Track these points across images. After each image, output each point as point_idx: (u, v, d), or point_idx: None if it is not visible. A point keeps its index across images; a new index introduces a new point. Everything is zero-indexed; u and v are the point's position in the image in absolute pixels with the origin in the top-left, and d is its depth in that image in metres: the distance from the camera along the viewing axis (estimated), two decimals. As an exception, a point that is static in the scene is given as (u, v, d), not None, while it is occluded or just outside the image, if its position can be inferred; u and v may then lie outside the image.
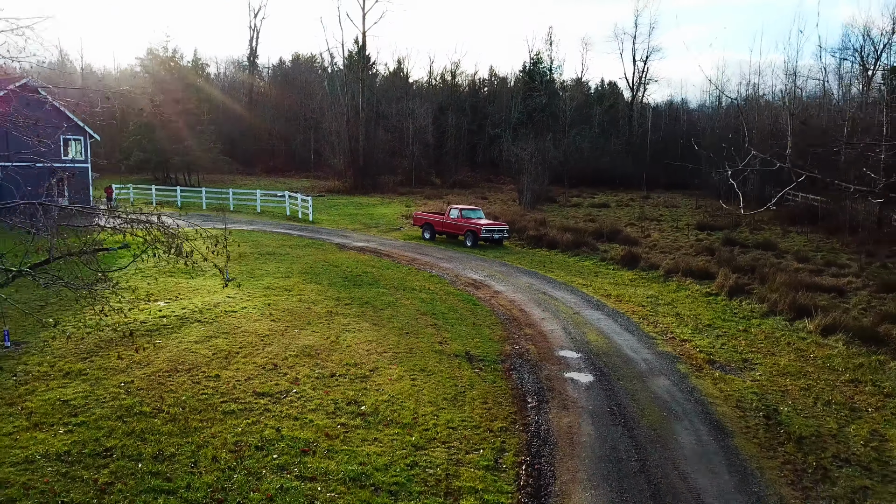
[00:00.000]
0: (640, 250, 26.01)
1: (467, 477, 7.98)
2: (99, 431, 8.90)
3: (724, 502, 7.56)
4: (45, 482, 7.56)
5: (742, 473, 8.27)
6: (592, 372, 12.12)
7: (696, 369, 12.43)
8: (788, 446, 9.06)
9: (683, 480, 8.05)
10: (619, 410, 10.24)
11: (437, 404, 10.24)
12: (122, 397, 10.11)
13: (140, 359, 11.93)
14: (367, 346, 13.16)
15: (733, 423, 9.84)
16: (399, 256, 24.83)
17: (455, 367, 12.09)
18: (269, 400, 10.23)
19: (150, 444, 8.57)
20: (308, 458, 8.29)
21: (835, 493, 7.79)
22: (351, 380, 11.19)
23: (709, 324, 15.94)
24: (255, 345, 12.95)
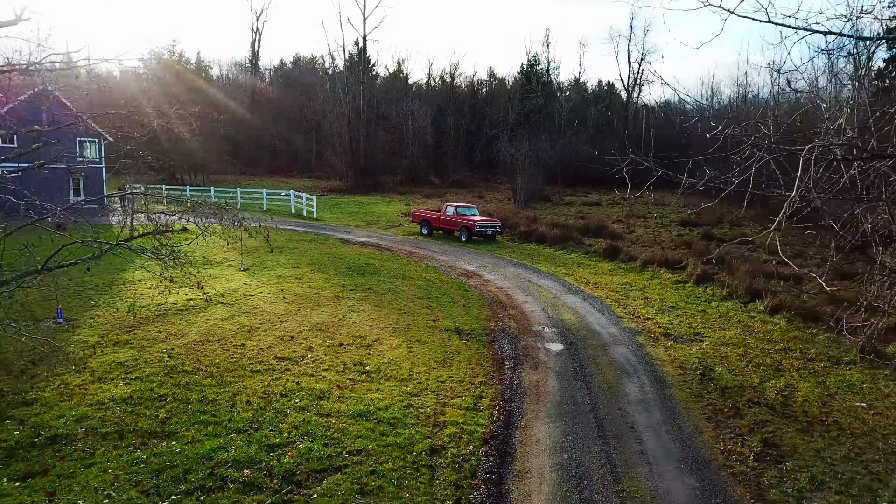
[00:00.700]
0: (622, 244, 28.02)
1: (451, 414, 10.01)
2: (151, 384, 10.93)
3: (652, 430, 9.59)
4: (116, 417, 9.59)
5: (671, 412, 10.31)
6: (563, 342, 14.16)
7: (652, 340, 14.48)
8: (714, 394, 11.10)
9: (623, 416, 10.08)
10: (580, 370, 12.27)
11: (429, 365, 12.27)
12: (165, 360, 12.15)
13: (176, 331, 13.98)
14: (370, 322, 15.19)
15: (673, 379, 11.88)
16: (398, 250, 26.86)
17: (445, 339, 14.13)
18: (288, 362, 12.26)
19: (195, 392, 10.60)
20: (323, 402, 10.32)
21: (740, 424, 9.83)
22: (357, 347, 13.22)
23: (672, 305, 17.97)
24: (272, 321, 14.99)
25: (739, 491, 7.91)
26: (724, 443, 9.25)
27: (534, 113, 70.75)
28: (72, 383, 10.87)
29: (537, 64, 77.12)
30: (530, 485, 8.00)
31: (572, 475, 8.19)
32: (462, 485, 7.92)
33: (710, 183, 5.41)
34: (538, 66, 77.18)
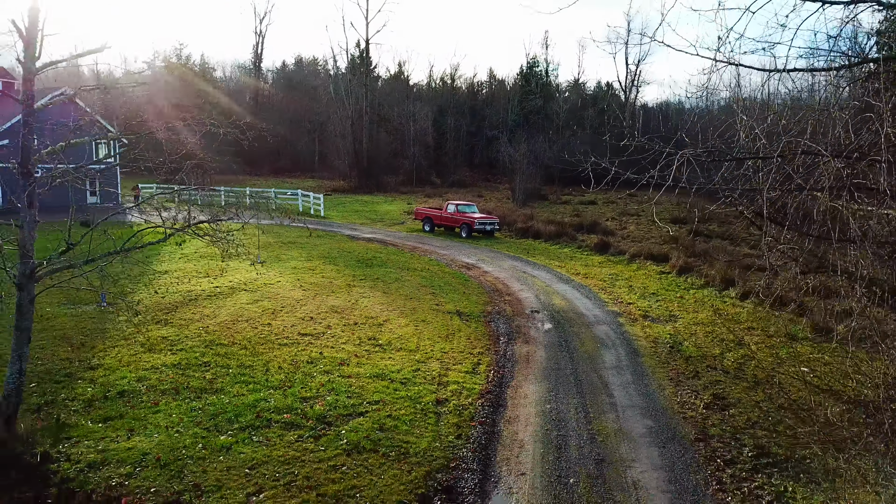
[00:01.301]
0: (612, 240, 29.80)
1: (453, 376, 11.79)
2: (195, 353, 12.72)
3: (622, 388, 11.38)
4: (170, 378, 11.38)
5: (640, 375, 12.09)
6: (552, 322, 15.94)
7: (631, 321, 16.26)
8: (679, 362, 12.89)
9: (599, 378, 11.87)
10: (565, 344, 14.06)
11: (434, 340, 14.06)
12: (203, 335, 13.93)
13: (208, 313, 15.76)
14: (379, 306, 16.98)
15: (646, 350, 13.67)
16: (403, 245, 28.65)
17: (448, 319, 15.91)
18: (310, 337, 14.04)
19: (233, 360, 12.38)
20: (344, 367, 12.10)
21: (697, 384, 11.62)
22: (370, 326, 15.01)
23: (653, 293, 19.76)
24: (293, 305, 16.77)
25: (687, 429, 9.70)
26: (680, 396, 11.04)
27: (533, 114, 72.55)
28: (126, 353, 12.65)
29: (536, 66, 78.91)
30: (518, 426, 9.79)
31: (553, 419, 9.98)
32: (462, 425, 9.71)
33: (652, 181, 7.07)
34: (537, 67, 78.97)
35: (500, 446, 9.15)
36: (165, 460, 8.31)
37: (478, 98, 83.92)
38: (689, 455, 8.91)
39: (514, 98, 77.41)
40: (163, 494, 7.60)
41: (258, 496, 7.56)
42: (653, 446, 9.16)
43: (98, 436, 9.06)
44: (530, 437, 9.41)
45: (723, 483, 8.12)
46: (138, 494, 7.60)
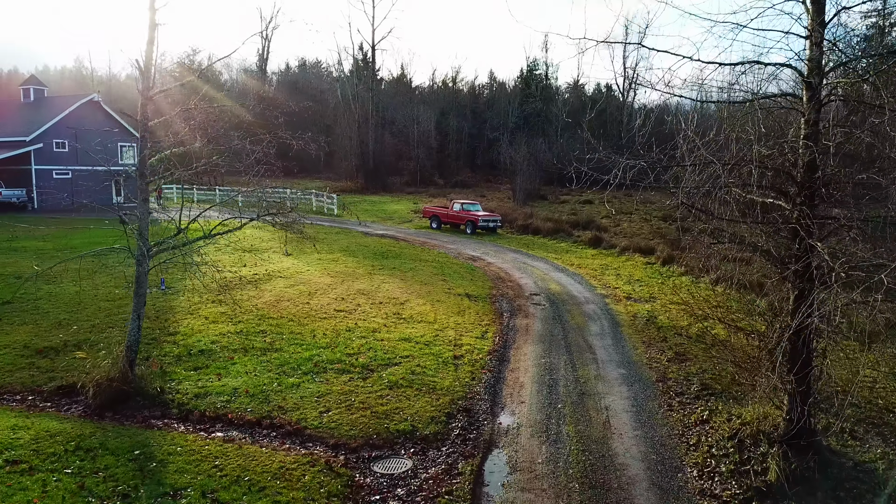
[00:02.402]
0: (606, 235, 32.48)
1: (466, 340, 14.47)
2: (251, 324, 15.39)
3: (603, 348, 14.06)
4: (237, 341, 14.05)
5: (619, 339, 14.78)
6: (548, 302, 18.62)
7: (616, 301, 18.95)
8: (652, 330, 15.58)
9: (585, 342, 14.55)
10: (559, 318, 16.74)
11: (448, 315, 16.74)
12: (254, 311, 16.61)
13: (254, 295, 18.45)
14: (399, 289, 19.66)
15: (626, 322, 16.36)
16: (413, 240, 31.35)
17: (459, 300, 18.60)
18: (344, 313, 16.72)
19: (285, 329, 15.06)
20: (377, 333, 14.78)
21: (664, 345, 14.31)
22: (393, 304, 17.69)
23: (638, 279, 22.44)
24: (325, 289, 19.46)
25: (651, 374, 12.39)
26: (649, 354, 13.73)
27: (533, 116, 75.26)
28: (195, 323, 15.34)
29: (536, 69, 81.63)
30: (519, 373, 12.47)
31: (546, 369, 12.66)
32: (475, 373, 12.40)
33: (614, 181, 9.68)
34: (537, 70, 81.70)
35: (505, 386, 11.84)
36: (252, 392, 11.00)
37: (479, 101, 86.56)
38: (649, 390, 11.59)
39: (515, 101, 80.00)
40: (256, 413, 10.28)
41: (328, 413, 10.25)
42: (623, 385, 11.85)
43: (194, 378, 11.75)
44: (529, 380, 12.09)
45: (672, 406, 10.81)
46: (238, 413, 10.29)
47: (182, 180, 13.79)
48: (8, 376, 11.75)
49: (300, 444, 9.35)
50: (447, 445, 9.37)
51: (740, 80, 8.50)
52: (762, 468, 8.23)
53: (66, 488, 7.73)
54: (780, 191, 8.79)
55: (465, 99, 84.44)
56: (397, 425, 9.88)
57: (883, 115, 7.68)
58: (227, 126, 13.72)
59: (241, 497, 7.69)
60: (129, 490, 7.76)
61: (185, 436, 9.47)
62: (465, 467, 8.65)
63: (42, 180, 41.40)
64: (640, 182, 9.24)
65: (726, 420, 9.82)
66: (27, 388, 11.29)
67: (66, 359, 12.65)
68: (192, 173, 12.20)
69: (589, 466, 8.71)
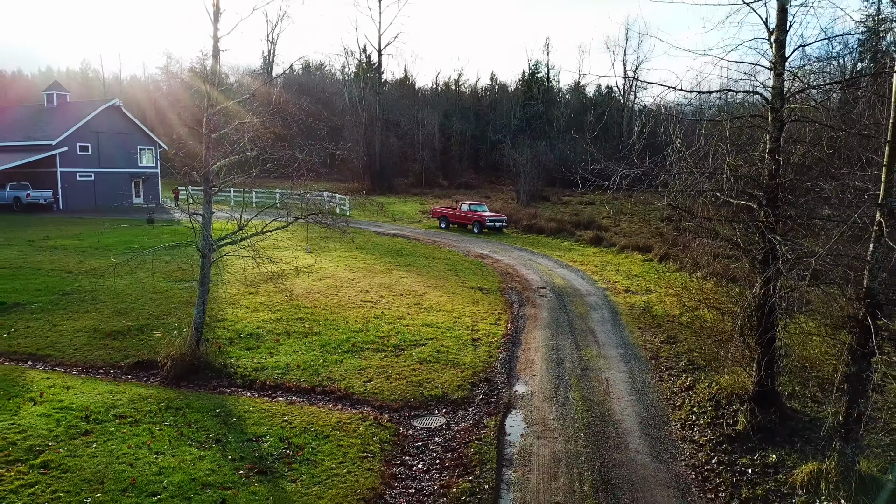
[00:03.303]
0: (606, 234, 34.31)
1: (481, 326, 16.30)
2: (289, 312, 17.22)
3: (604, 333, 15.89)
4: (279, 326, 15.88)
5: (618, 325, 16.60)
6: (553, 294, 20.45)
7: (615, 293, 20.78)
8: (647, 318, 17.41)
9: (588, 327, 16.38)
10: (563, 308, 18.57)
11: (464, 305, 18.58)
12: (290, 302, 18.44)
13: (286, 288, 20.28)
14: (417, 283, 21.49)
15: (624, 311, 18.19)
16: (424, 239, 33.19)
17: (472, 292, 20.43)
18: (370, 303, 18.55)
19: (320, 316, 16.89)
20: (402, 320, 16.60)
21: (658, 330, 16.13)
22: (413, 296, 19.53)
23: (636, 274, 24.27)
24: (349, 283, 21.30)
25: (645, 354, 14.23)
26: (645, 337, 15.57)
27: (535, 119, 77.08)
28: (239, 312, 17.18)
29: (538, 72, 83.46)
30: (530, 352, 14.31)
31: (554, 349, 14.49)
32: (492, 352, 14.23)
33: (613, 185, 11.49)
34: (539, 73, 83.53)
35: (519, 362, 13.67)
36: (303, 367, 12.84)
37: (482, 103, 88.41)
38: (644, 366, 13.43)
39: (517, 104, 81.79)
40: (309, 382, 12.12)
41: (370, 382, 12.09)
42: (621, 362, 13.68)
43: (249, 356, 13.59)
44: (538, 358, 13.92)
45: (662, 377, 12.65)
46: (293, 382, 12.12)
47: (243, 184, 15.56)
48: (89, 354, 13.60)
49: (350, 405, 11.19)
50: (473, 407, 11.21)
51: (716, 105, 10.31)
52: (733, 421, 10.06)
53: (169, 435, 9.58)
54: (750, 195, 10.62)
55: (468, 101, 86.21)
56: (430, 391, 11.72)
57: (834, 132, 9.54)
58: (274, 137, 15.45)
59: (311, 442, 9.53)
60: (220, 436, 9.60)
61: (253, 399, 11.32)
62: (489, 422, 10.49)
63: (66, 182, 43.31)
64: (636, 188, 11.08)
65: (707, 387, 11.65)
66: (108, 364, 13.13)
67: (133, 340, 14.51)
68: (249, 179, 13.92)
69: (592, 421, 10.54)
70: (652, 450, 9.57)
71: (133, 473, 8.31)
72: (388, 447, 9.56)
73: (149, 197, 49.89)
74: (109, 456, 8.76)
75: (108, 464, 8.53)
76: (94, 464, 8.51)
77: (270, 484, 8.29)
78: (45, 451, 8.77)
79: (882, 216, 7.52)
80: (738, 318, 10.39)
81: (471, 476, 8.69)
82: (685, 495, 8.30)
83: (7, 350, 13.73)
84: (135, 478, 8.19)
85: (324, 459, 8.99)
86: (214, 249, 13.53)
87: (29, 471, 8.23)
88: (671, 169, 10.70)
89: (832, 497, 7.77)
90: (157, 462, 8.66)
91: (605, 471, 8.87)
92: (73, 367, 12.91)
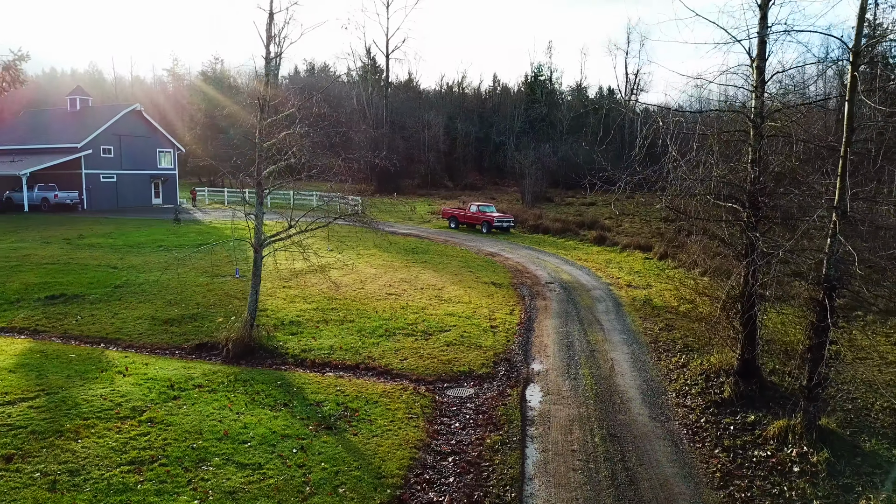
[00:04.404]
0: (609, 234, 36.09)
1: (498, 315, 18.09)
2: (323, 303, 19.01)
3: (608, 321, 17.68)
4: (316, 315, 17.66)
5: (621, 315, 18.39)
6: (561, 289, 22.24)
7: (618, 288, 22.57)
8: (648, 309, 19.20)
9: (594, 317, 18.17)
10: (571, 300, 20.36)
11: (480, 297, 20.37)
12: (322, 294, 20.23)
13: (316, 281, 22.08)
14: (434, 278, 23.29)
15: (626, 303, 19.98)
16: (436, 238, 34.99)
17: (486, 286, 22.22)
18: (394, 296, 20.34)
19: (352, 307, 18.68)
20: (425, 310, 18.39)
21: (657, 319, 17.91)
22: (432, 289, 21.32)
23: (637, 271, 26.05)
24: (373, 277, 23.09)
25: (645, 339, 16.02)
26: (645, 325, 17.36)
27: (538, 121, 78.87)
28: (278, 303, 18.98)
29: (541, 75, 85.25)
30: (543, 338, 16.10)
31: (564, 335, 16.28)
32: (509, 337, 16.01)
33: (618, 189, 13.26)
34: (541, 76, 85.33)
35: (533, 346, 15.47)
36: (345, 348, 14.64)
37: (485, 105, 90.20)
38: (644, 349, 15.22)
39: (520, 106, 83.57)
40: (353, 360, 13.91)
41: (406, 360, 13.89)
42: (624, 345, 15.47)
43: (295, 340, 15.38)
44: (551, 342, 15.71)
45: (660, 358, 14.44)
46: (339, 360, 13.92)
47: (293, 187, 17.38)
48: (153, 338, 15.41)
49: (391, 379, 12.98)
50: (497, 380, 13.00)
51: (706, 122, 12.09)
52: (720, 390, 11.84)
53: (243, 400, 11.37)
54: (735, 198, 12.40)
55: (472, 103, 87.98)
56: (458, 368, 13.52)
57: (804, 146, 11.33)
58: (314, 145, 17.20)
59: (364, 406, 11.32)
60: (286, 402, 11.40)
61: (307, 374, 13.12)
62: (512, 392, 12.28)
63: (91, 183, 45.17)
64: (637, 191, 12.86)
65: (699, 364, 13.45)
66: (172, 346, 14.93)
67: (188, 326, 16.31)
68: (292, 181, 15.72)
69: (599, 392, 12.33)
70: (651, 413, 11.36)
71: (223, 427, 10.10)
72: (428, 411, 11.35)
73: (169, 197, 51.69)
74: (200, 415, 10.56)
75: (200, 420, 10.33)
76: (189, 420, 10.31)
77: (337, 436, 10.08)
78: (146, 411, 10.57)
79: (836, 216, 9.30)
80: (722, 303, 12.16)
81: (500, 431, 10.48)
82: (678, 445, 10.08)
83: (80, 334, 15.55)
84: (226, 430, 9.99)
85: (376, 419, 10.79)
86: (266, 245, 15.33)
87: (139, 425, 10.03)
88: (668, 176, 12.48)
89: (797, 445, 9.54)
90: (240, 420, 10.46)
91: (612, 428, 10.66)
92: (142, 349, 14.72)
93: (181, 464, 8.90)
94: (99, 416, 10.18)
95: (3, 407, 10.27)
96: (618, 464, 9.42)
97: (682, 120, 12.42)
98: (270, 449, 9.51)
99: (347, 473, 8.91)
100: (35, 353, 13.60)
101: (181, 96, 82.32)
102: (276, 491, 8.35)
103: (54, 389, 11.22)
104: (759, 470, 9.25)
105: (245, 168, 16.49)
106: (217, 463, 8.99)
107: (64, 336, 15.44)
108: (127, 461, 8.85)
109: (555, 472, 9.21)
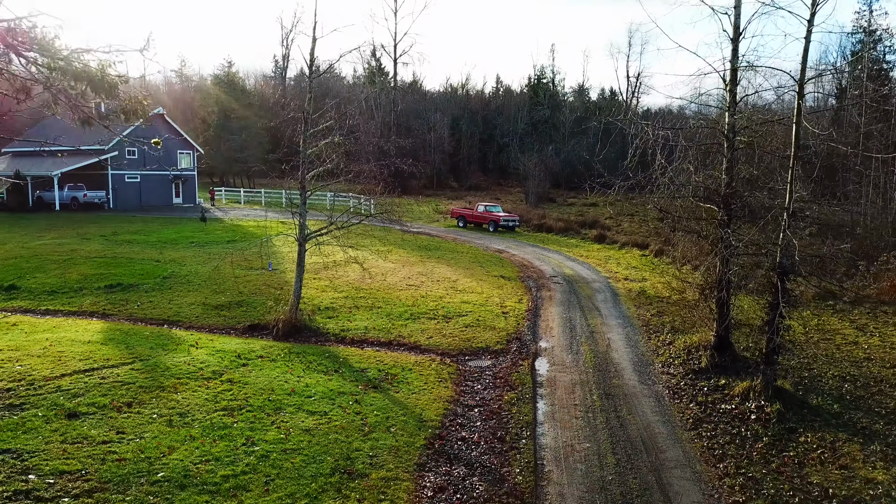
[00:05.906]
0: (608, 233, 38.36)
1: (508, 303, 20.38)
2: (351, 293, 21.30)
3: (606, 309, 19.97)
4: (347, 303, 19.94)
5: (617, 304, 20.68)
6: (564, 281, 24.54)
7: (616, 281, 24.86)
8: (642, 298, 21.49)
9: (593, 305, 20.46)
10: (573, 291, 22.65)
11: (491, 288, 22.66)
12: (350, 285, 22.52)
13: (341, 274, 24.38)
14: (448, 272, 25.58)
15: (623, 294, 22.27)
16: (446, 237, 37.29)
17: (496, 279, 24.52)
18: (414, 287, 22.62)
19: (377, 296, 20.96)
20: (442, 300, 20.68)
21: (650, 307, 20.20)
22: (447, 282, 23.62)
23: (634, 266, 28.34)
24: (392, 271, 25.39)
25: (638, 322, 18.32)
26: (639, 312, 19.65)
27: (541, 123, 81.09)
28: (312, 292, 21.26)
29: (543, 78, 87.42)
30: (548, 321, 18.39)
31: (567, 319, 18.58)
32: (519, 321, 18.30)
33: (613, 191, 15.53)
34: (544, 79, 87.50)
35: (540, 328, 17.75)
36: (378, 328, 16.94)
37: (489, 107, 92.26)
38: (637, 330, 17.52)
39: (524, 108, 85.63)
40: (386, 338, 16.21)
41: (431, 338, 16.18)
42: (619, 328, 17.77)
43: (333, 322, 17.68)
44: (555, 325, 18.01)
45: (650, 337, 16.74)
46: (375, 338, 16.21)
47: (335, 190, 19.72)
48: (208, 320, 17.71)
49: (420, 353, 15.28)
50: (510, 355, 15.30)
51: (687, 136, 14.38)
52: (698, 361, 14.13)
53: (300, 367, 13.67)
54: (712, 200, 14.67)
55: (476, 105, 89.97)
56: (477, 344, 15.82)
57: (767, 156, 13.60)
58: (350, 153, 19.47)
59: (401, 372, 13.61)
60: (336, 368, 13.69)
61: (348, 348, 15.42)
62: (523, 363, 14.57)
63: (116, 183, 47.52)
64: (632, 194, 15.13)
65: (682, 342, 15.74)
66: (226, 326, 17.24)
67: (237, 311, 18.61)
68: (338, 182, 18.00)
69: (597, 363, 14.62)
70: (640, 378, 13.65)
71: (290, 386, 12.40)
72: (454, 376, 13.65)
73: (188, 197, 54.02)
74: (268, 377, 12.86)
75: (270, 381, 12.63)
76: (261, 380, 12.61)
77: (382, 393, 12.38)
78: (224, 374, 12.87)
79: (787, 215, 11.57)
80: (700, 289, 14.45)
81: (515, 391, 12.78)
82: (660, 401, 12.38)
83: (145, 317, 17.86)
84: (293, 388, 12.29)
85: (413, 381, 13.09)
86: (309, 239, 17.64)
87: (221, 384, 12.33)
88: (656, 180, 14.76)
89: (756, 400, 11.82)
90: (301, 381, 12.76)
91: (607, 389, 12.95)
92: (201, 329, 17.02)
93: (263, 410, 11.19)
94: (188, 376, 12.48)
95: (110, 369, 12.57)
96: (611, 413, 11.71)
97: (668, 133, 14.70)
98: (331, 402, 11.80)
99: (396, 418, 11.21)
100: (114, 330, 15.92)
101: (189, 97, 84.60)
102: (342, 430, 10.64)
103: (145, 357, 13.53)
104: (723, 418, 11.54)
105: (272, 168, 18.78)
106: (291, 410, 11.29)
107: (130, 318, 17.74)
108: (221, 408, 11.15)
109: (560, 419, 11.51)
